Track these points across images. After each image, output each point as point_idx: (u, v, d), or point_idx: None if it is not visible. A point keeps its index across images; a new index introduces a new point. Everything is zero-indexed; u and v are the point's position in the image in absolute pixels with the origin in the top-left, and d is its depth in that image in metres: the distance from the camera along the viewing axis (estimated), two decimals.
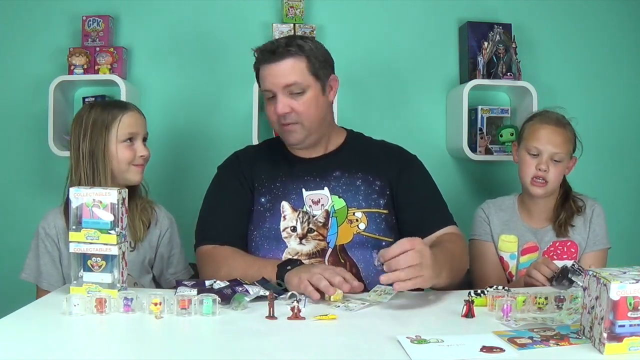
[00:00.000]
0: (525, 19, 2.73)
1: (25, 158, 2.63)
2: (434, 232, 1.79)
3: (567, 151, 2.03)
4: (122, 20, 2.64)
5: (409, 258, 1.41)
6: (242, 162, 1.91)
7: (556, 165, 2.00)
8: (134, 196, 1.90)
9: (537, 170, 2.00)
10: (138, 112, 1.91)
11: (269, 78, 1.77)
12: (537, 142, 2.01)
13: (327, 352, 1.17)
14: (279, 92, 1.76)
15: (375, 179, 1.85)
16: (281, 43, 1.78)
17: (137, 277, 1.88)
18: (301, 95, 1.77)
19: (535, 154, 2.01)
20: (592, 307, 1.15)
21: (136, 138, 1.87)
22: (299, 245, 1.77)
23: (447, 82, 2.74)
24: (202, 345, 1.21)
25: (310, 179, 1.84)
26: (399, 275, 1.40)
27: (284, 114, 1.76)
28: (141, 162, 1.89)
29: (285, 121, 1.78)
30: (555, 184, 2.03)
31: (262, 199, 1.84)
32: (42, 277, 1.87)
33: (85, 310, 1.35)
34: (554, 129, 2.02)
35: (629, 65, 2.80)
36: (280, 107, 1.76)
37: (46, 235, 1.87)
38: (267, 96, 1.80)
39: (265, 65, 1.77)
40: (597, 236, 2.03)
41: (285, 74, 1.75)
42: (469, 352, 1.11)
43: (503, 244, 2.07)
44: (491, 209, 2.13)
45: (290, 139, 1.82)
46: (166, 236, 1.94)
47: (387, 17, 2.72)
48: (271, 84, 1.77)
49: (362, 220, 1.80)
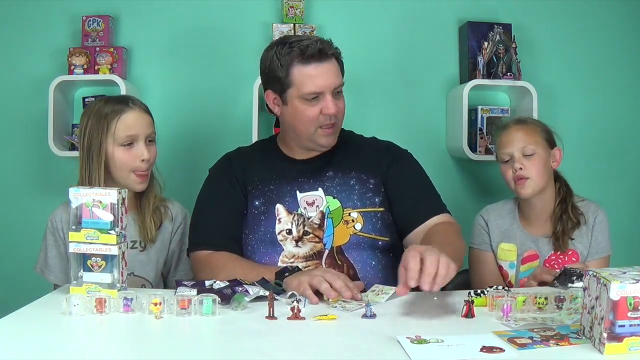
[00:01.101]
0: (525, 19, 2.73)
1: (25, 158, 2.63)
2: (425, 221, 1.79)
3: (536, 142, 2.01)
4: (122, 20, 2.64)
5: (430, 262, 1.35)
6: (234, 164, 1.89)
7: (530, 159, 1.98)
8: (147, 194, 1.87)
9: (513, 172, 1.99)
10: (141, 110, 1.82)
11: (321, 78, 1.74)
12: (503, 147, 2.03)
13: (327, 352, 1.17)
14: (329, 92, 1.75)
15: (369, 177, 1.84)
16: (325, 43, 1.75)
17: (152, 279, 1.85)
18: (340, 94, 1.81)
19: (507, 160, 2.02)
20: (592, 307, 1.15)
21: (137, 140, 1.78)
22: (295, 248, 1.76)
23: (447, 82, 2.74)
24: (202, 345, 1.21)
25: (304, 181, 1.83)
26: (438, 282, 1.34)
27: (335, 114, 1.77)
28: (143, 168, 1.79)
29: (330, 122, 1.78)
30: (538, 178, 1.98)
31: (256, 202, 1.82)
32: (49, 269, 1.86)
33: (85, 310, 1.34)
34: (514, 127, 2.03)
35: (629, 65, 2.80)
36: (333, 108, 1.75)
37: (54, 228, 1.86)
38: (308, 97, 1.75)
39: (314, 65, 1.73)
40: (599, 244, 1.98)
41: (335, 74, 1.77)
42: (469, 352, 1.11)
43: (502, 253, 2.05)
44: (490, 215, 2.10)
45: (330, 141, 1.82)
46: (179, 232, 1.91)
47: (387, 17, 2.72)
48: (323, 85, 1.74)
49: (358, 221, 1.80)
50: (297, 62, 1.73)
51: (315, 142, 1.81)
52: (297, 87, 1.75)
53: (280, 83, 1.77)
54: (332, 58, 1.77)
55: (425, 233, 1.76)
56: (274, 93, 1.81)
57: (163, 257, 1.89)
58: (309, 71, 1.73)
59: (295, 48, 1.73)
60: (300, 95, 1.75)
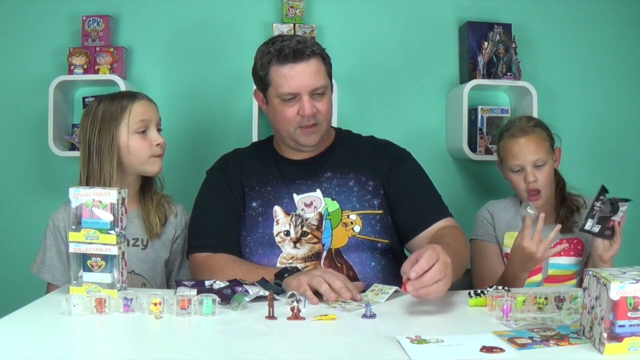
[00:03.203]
0: (525, 19, 2.73)
1: (25, 158, 2.63)
2: (431, 225, 1.78)
3: (546, 150, 2.04)
4: (122, 20, 2.64)
5: (435, 274, 1.36)
6: (231, 166, 1.89)
7: (541, 169, 2.02)
8: (149, 190, 1.89)
9: (526, 183, 2.02)
10: (148, 100, 1.86)
11: (296, 79, 1.72)
12: (514, 159, 2.03)
13: (327, 352, 1.17)
14: (306, 93, 1.74)
15: (368, 179, 1.83)
16: (303, 43, 1.74)
17: (152, 278, 1.85)
18: (322, 96, 1.77)
19: (518, 170, 2.04)
20: (592, 307, 1.15)
21: (150, 127, 1.82)
22: (294, 250, 1.76)
23: (447, 82, 2.74)
24: (202, 345, 1.21)
25: (301, 182, 1.83)
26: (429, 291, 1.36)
27: (312, 114, 1.75)
28: (159, 151, 1.84)
29: (309, 122, 1.76)
30: (549, 186, 2.05)
31: (253, 204, 1.82)
32: (45, 268, 1.86)
33: (85, 310, 1.34)
34: (525, 138, 2.03)
35: (629, 65, 2.80)
36: (309, 109, 1.74)
37: (55, 227, 1.86)
38: (285, 98, 1.75)
39: (289, 66, 1.72)
40: None
41: (313, 75, 1.73)
42: (469, 352, 1.11)
43: (508, 240, 2.07)
44: (496, 207, 2.14)
45: (311, 140, 1.80)
46: (182, 235, 1.91)
47: (387, 17, 2.72)
48: (298, 86, 1.73)
49: (356, 223, 1.79)
50: (274, 62, 1.74)
51: (296, 141, 1.81)
52: (275, 87, 1.76)
53: (262, 82, 1.79)
54: (310, 58, 1.73)
55: (430, 237, 1.75)
56: (260, 92, 1.84)
57: (165, 256, 1.89)
58: (284, 72, 1.73)
59: (272, 48, 1.74)
60: (278, 95, 1.76)
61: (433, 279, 1.36)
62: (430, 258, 1.37)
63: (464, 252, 1.74)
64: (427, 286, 1.35)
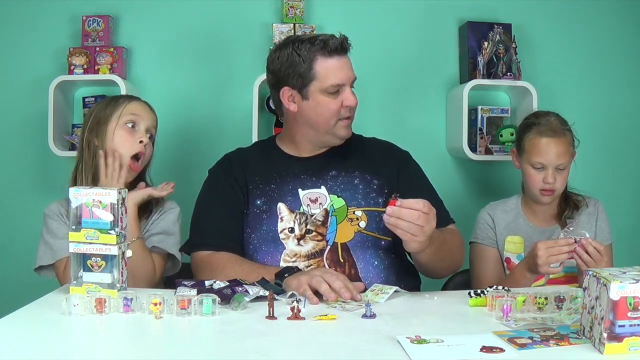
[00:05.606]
0: (525, 19, 2.73)
1: (25, 158, 2.63)
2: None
3: (570, 155, 2.03)
4: (122, 20, 2.64)
5: (417, 217, 1.47)
6: (234, 165, 1.90)
7: (561, 172, 2.00)
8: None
9: (544, 183, 1.99)
10: (148, 105, 1.87)
11: (343, 71, 1.79)
12: (540, 157, 1.99)
13: (327, 352, 1.17)
14: (348, 84, 1.80)
15: (372, 177, 1.85)
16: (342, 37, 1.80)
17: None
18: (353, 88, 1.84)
19: (540, 168, 2.00)
20: (592, 307, 1.15)
21: (139, 123, 1.81)
22: (297, 247, 1.76)
23: (447, 82, 2.74)
24: (202, 345, 1.21)
25: (306, 178, 1.83)
26: (398, 223, 1.48)
27: (355, 105, 1.82)
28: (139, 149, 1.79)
29: (349, 113, 1.82)
30: (562, 188, 2.03)
31: (257, 201, 1.83)
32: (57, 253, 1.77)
33: (85, 310, 1.34)
34: (556, 140, 1.98)
35: (629, 65, 2.79)
36: (354, 99, 1.80)
37: (53, 214, 1.82)
38: (331, 90, 1.78)
39: (337, 58, 1.78)
40: (603, 232, 2.05)
41: (351, 68, 1.82)
42: (469, 352, 1.11)
43: (509, 245, 2.07)
44: (496, 210, 2.12)
45: (349, 131, 1.86)
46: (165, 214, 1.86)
47: (387, 17, 2.72)
48: (346, 77, 1.79)
49: (362, 219, 1.80)
50: (320, 56, 1.77)
51: (335, 134, 1.84)
52: (321, 80, 1.78)
53: (302, 78, 1.79)
54: (347, 52, 1.82)
55: None
56: (292, 89, 1.81)
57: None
58: (332, 64, 1.78)
59: (317, 42, 1.78)
60: (324, 88, 1.78)
61: (410, 218, 1.47)
62: (424, 207, 1.48)
63: (453, 249, 1.79)
64: (401, 220, 1.48)
